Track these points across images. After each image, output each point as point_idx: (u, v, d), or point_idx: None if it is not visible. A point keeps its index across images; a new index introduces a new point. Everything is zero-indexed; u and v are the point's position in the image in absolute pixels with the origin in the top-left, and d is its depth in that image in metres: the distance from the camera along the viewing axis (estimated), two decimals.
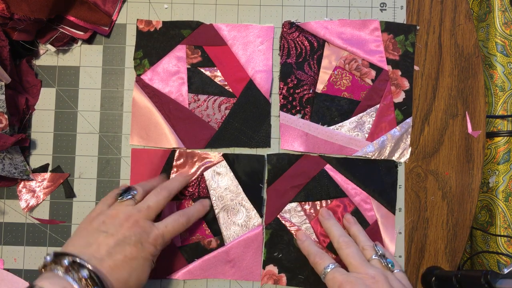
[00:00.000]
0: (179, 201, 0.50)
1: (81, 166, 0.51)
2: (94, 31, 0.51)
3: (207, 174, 0.50)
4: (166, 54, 0.51)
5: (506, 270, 0.42)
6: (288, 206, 0.50)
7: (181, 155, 0.50)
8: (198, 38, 0.51)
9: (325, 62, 0.51)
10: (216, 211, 0.50)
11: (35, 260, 0.50)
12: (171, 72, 0.51)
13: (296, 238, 0.49)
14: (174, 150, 0.50)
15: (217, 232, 0.50)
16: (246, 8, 0.52)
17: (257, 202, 0.50)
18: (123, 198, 0.42)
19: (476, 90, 0.51)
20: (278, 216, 0.50)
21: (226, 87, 0.51)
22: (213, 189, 0.50)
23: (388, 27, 0.51)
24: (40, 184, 0.50)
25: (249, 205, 0.50)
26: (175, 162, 0.50)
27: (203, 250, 0.50)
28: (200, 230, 0.50)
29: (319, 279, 0.43)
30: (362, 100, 0.51)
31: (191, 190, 0.50)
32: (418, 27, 0.51)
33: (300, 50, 0.51)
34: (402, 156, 0.50)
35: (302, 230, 0.50)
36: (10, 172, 0.48)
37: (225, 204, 0.50)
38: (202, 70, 0.51)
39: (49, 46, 0.51)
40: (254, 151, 0.50)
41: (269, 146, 0.51)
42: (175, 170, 0.50)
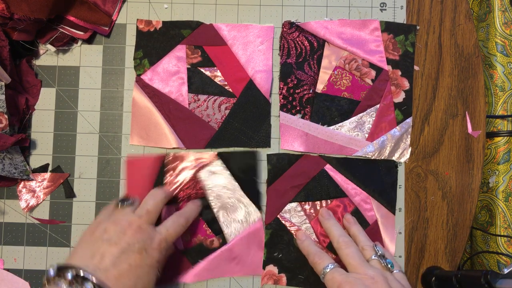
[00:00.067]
0: (177, 204, 0.50)
1: (81, 166, 0.51)
2: (94, 31, 0.51)
3: (203, 175, 0.50)
4: (166, 54, 0.51)
5: (506, 270, 0.42)
6: (288, 206, 0.50)
7: (174, 159, 0.50)
8: (198, 38, 0.51)
9: (325, 62, 0.51)
10: (215, 210, 0.50)
11: (35, 260, 0.50)
12: (171, 72, 0.51)
13: (296, 238, 0.49)
14: (166, 154, 0.50)
15: (218, 231, 0.50)
16: (246, 8, 0.52)
17: (254, 197, 0.50)
18: (123, 204, 0.42)
19: (476, 90, 0.51)
20: (278, 216, 0.50)
21: (226, 87, 0.51)
22: (209, 188, 0.50)
23: (388, 27, 0.51)
24: (40, 184, 0.50)
25: (247, 201, 0.50)
26: (169, 165, 0.50)
27: (207, 251, 0.49)
28: (201, 231, 0.50)
29: (319, 279, 0.43)
30: (362, 100, 0.51)
31: (188, 192, 0.50)
32: (418, 27, 0.51)
33: (300, 50, 0.51)
34: (402, 156, 0.50)
35: (302, 230, 0.50)
36: (10, 172, 0.48)
37: (223, 202, 0.50)
38: (202, 70, 0.51)
39: (49, 46, 0.51)
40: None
41: (269, 146, 0.51)
42: (171, 173, 0.50)
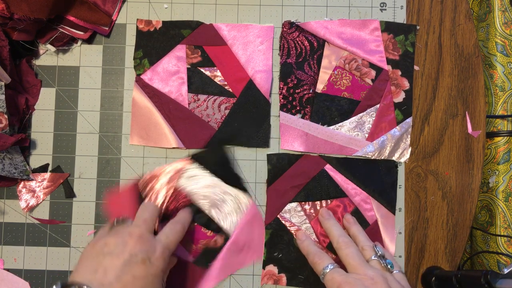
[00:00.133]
0: (168, 221, 0.48)
1: (81, 166, 0.51)
2: (94, 31, 0.51)
3: (183, 182, 0.49)
4: (166, 54, 0.51)
5: (506, 270, 0.42)
6: (288, 206, 0.50)
7: (150, 179, 0.50)
8: (198, 38, 0.51)
9: (325, 62, 0.51)
10: (207, 211, 0.49)
11: (35, 260, 0.50)
12: (171, 72, 0.51)
13: (296, 238, 0.49)
14: (140, 178, 0.50)
15: (217, 229, 0.49)
16: (246, 8, 0.52)
17: (237, 183, 0.50)
18: (119, 223, 0.42)
19: (476, 90, 0.51)
20: (278, 216, 0.50)
21: (226, 87, 0.51)
22: (194, 193, 0.49)
23: (388, 27, 0.51)
24: (40, 184, 0.50)
25: (232, 190, 0.50)
26: (147, 187, 0.49)
27: (214, 251, 0.49)
28: (201, 235, 0.50)
29: (319, 279, 0.43)
30: (362, 100, 0.51)
31: (175, 204, 0.49)
32: (418, 27, 0.51)
33: (300, 50, 0.51)
34: (402, 156, 0.50)
35: (302, 230, 0.50)
36: (10, 172, 0.48)
37: (211, 200, 0.49)
38: (202, 70, 0.51)
39: (49, 46, 0.51)
40: (253, 151, 0.51)
41: (268, 146, 0.51)
42: (151, 194, 0.49)
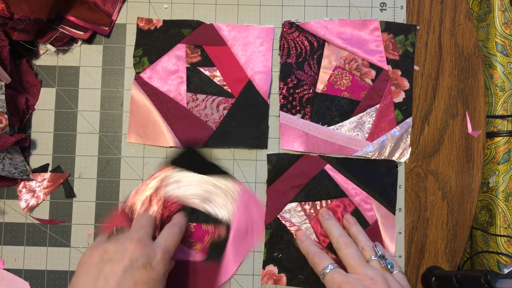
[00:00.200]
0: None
1: (81, 166, 0.51)
2: (94, 31, 0.51)
3: (169, 190, 0.49)
4: (166, 53, 0.51)
5: (506, 270, 0.42)
6: (288, 206, 0.50)
7: (133, 203, 0.49)
8: (198, 38, 0.51)
9: (325, 62, 0.51)
10: (201, 209, 0.49)
11: (35, 260, 0.50)
12: (170, 70, 0.51)
13: (296, 238, 0.49)
14: (125, 200, 0.49)
15: (216, 221, 0.49)
16: (246, 8, 0.52)
17: (220, 171, 0.50)
18: (119, 230, 0.42)
19: (476, 90, 0.51)
20: (278, 216, 0.50)
21: (225, 87, 0.51)
22: (183, 196, 0.49)
23: (388, 27, 0.51)
24: (40, 184, 0.50)
25: (219, 181, 0.50)
26: (133, 207, 0.49)
27: (221, 243, 0.49)
28: (203, 233, 0.49)
29: (319, 279, 0.43)
30: (362, 100, 0.51)
31: (167, 213, 0.49)
32: (418, 27, 0.51)
33: (300, 50, 0.51)
34: (402, 156, 0.50)
35: (302, 230, 0.50)
36: (10, 172, 0.48)
37: (201, 197, 0.49)
38: (202, 69, 0.51)
39: (49, 46, 0.51)
40: (253, 151, 0.51)
41: (266, 147, 0.51)
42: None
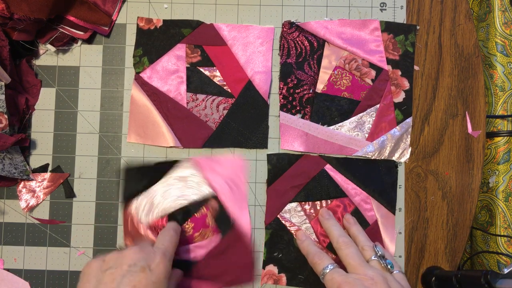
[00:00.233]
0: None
1: (81, 166, 0.51)
2: (94, 31, 0.51)
3: (143, 218, 0.49)
4: (166, 53, 0.51)
5: (506, 270, 0.42)
6: (288, 206, 0.50)
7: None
8: (198, 38, 0.51)
9: (325, 62, 0.51)
10: (186, 204, 0.49)
11: (35, 260, 0.50)
12: (170, 70, 0.51)
13: (296, 238, 0.49)
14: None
15: (203, 201, 0.49)
16: (246, 8, 0.52)
17: (168, 166, 0.50)
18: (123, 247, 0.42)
19: (476, 90, 0.51)
20: (278, 216, 0.50)
21: (224, 87, 0.51)
22: (163, 210, 0.49)
23: (388, 27, 0.51)
24: (40, 184, 0.50)
25: (172, 173, 0.50)
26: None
27: (221, 212, 0.49)
28: (202, 219, 0.49)
29: (319, 279, 0.43)
30: (362, 100, 0.51)
31: (157, 229, 0.49)
32: (418, 27, 0.51)
33: (300, 50, 0.51)
34: (402, 156, 0.50)
35: (302, 230, 0.50)
36: (10, 172, 0.48)
37: (177, 197, 0.49)
38: (201, 69, 0.51)
39: (49, 46, 0.51)
40: (253, 151, 0.51)
41: (266, 147, 0.51)
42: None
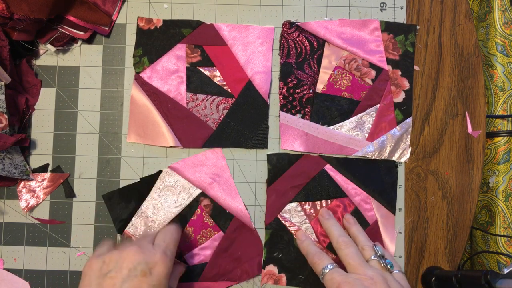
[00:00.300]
0: None
1: (81, 166, 0.51)
2: (94, 31, 0.51)
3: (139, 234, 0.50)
4: (166, 53, 0.51)
5: (506, 270, 0.42)
6: (288, 206, 0.50)
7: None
8: (198, 38, 0.51)
9: (325, 62, 0.51)
10: (180, 211, 0.50)
11: (35, 260, 0.50)
12: (170, 70, 0.51)
13: (296, 238, 0.49)
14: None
15: (195, 202, 0.50)
16: (246, 8, 0.52)
17: (150, 181, 0.50)
18: (124, 239, 0.41)
19: (476, 90, 0.51)
20: (278, 216, 0.50)
21: (224, 87, 0.51)
22: (160, 223, 0.50)
23: (388, 27, 0.51)
24: (40, 184, 0.50)
25: (156, 188, 0.50)
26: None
27: (215, 207, 0.49)
28: (199, 221, 0.49)
29: (319, 279, 0.43)
30: (362, 100, 0.51)
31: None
32: (418, 27, 0.51)
33: (300, 50, 0.51)
34: (402, 156, 0.50)
35: (302, 230, 0.50)
36: (10, 172, 0.48)
37: (170, 207, 0.50)
38: (201, 69, 0.51)
39: (49, 46, 0.51)
40: (253, 151, 0.51)
41: (266, 147, 0.51)
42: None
